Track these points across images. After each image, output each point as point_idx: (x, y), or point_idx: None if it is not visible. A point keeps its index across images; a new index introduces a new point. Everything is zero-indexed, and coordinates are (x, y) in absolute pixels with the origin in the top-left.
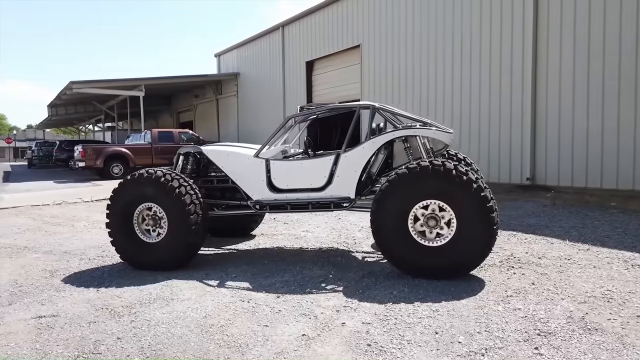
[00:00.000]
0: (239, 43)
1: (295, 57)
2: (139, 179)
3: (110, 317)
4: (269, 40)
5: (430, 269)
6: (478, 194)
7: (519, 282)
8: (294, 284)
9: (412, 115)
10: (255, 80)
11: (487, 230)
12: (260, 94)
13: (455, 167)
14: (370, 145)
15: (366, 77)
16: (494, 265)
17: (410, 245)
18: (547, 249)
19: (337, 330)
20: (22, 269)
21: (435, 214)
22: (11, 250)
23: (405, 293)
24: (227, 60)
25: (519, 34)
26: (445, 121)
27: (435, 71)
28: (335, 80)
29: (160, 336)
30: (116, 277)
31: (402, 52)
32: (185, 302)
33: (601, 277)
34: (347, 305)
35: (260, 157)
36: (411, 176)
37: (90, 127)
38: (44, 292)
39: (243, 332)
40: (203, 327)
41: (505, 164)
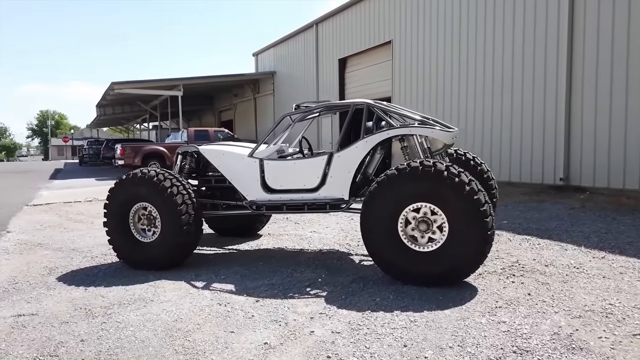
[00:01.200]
0: (275, 42)
1: (329, 54)
2: (133, 178)
3: (85, 317)
4: (304, 38)
5: (421, 275)
6: (470, 196)
7: (514, 292)
8: (279, 287)
9: (413, 113)
10: (291, 78)
11: (481, 236)
12: (295, 92)
13: (447, 168)
14: (364, 145)
15: (397, 73)
16: (494, 272)
17: (400, 249)
18: (557, 256)
19: (303, 339)
20: (25, 266)
21: (427, 217)
22: (25, 247)
23: (388, 300)
24: (264, 59)
25: (553, 28)
26: (477, 118)
27: (467, 67)
28: (367, 77)
29: (123, 339)
30: (109, 276)
31: (433, 48)
32: (163, 304)
33: (608, 288)
34: (324, 312)
35: (254, 157)
36: (401, 178)
37: (138, 126)
38: (34, 290)
39: (206, 339)
40: (169, 331)
41: (538, 164)
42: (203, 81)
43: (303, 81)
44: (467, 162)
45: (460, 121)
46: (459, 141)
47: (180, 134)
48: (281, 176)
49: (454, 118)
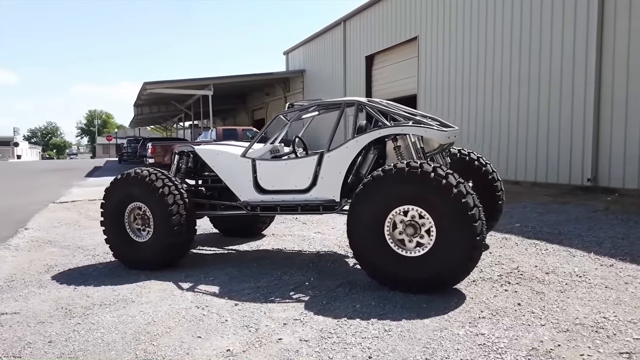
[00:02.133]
0: (305, 40)
1: (356, 52)
2: (127, 178)
3: (62, 318)
4: (332, 35)
5: (408, 281)
6: (458, 199)
7: (503, 302)
8: (264, 290)
9: (412, 111)
10: (319, 76)
11: (469, 241)
12: (323, 90)
13: (434, 170)
14: (354, 145)
15: (423, 70)
16: (489, 279)
17: (387, 254)
18: (562, 263)
19: (268, 347)
20: (28, 263)
21: (415, 221)
22: (35, 244)
23: (369, 307)
24: (294, 58)
25: (583, 22)
26: (502, 116)
27: (493, 62)
28: (393, 74)
29: (89, 342)
30: (103, 275)
31: (458, 43)
32: (143, 306)
33: (607, 300)
34: (299, 318)
35: (247, 157)
36: (386, 179)
37: (176, 125)
38: (26, 288)
39: (171, 343)
40: (138, 334)
41: (565, 163)
42: (232, 80)
43: (331, 79)
44: (471, 162)
45: (485, 118)
46: (478, 139)
47: (210, 133)
48: (273, 177)
49: (479, 115)
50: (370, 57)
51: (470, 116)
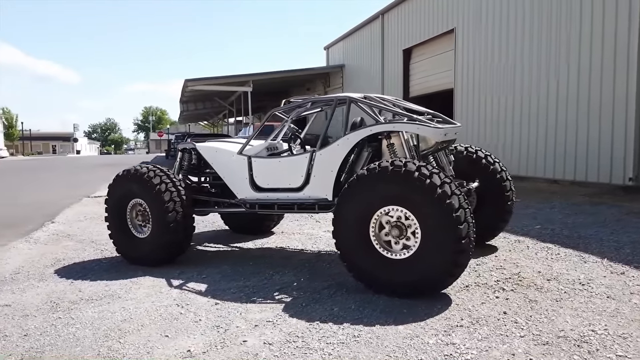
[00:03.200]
0: (345, 34)
1: (393, 45)
2: (127, 175)
3: (47, 311)
4: (370, 29)
5: (392, 285)
6: (442, 200)
7: (489, 309)
8: (249, 290)
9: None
10: (358, 71)
11: (453, 245)
12: (361, 85)
13: (418, 169)
14: (345, 143)
15: (460, 63)
16: (484, 284)
17: (372, 256)
18: (569, 269)
19: (229, 349)
20: (40, 256)
21: (401, 222)
22: (55, 237)
23: (347, 311)
24: (334, 53)
25: (624, 12)
26: (540, 112)
27: (530, 56)
28: (431, 68)
29: (61, 337)
30: (103, 270)
31: (496, 35)
32: (128, 302)
33: (604, 311)
34: (272, 320)
35: (243, 155)
36: (370, 178)
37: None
38: (27, 281)
39: (137, 342)
40: (110, 331)
41: (605, 161)
42: (271, 77)
43: (369, 74)
44: (477, 160)
45: (522, 113)
46: (515, 135)
47: (248, 129)
48: (268, 174)
49: (516, 110)
50: (408, 50)
51: (507, 111)
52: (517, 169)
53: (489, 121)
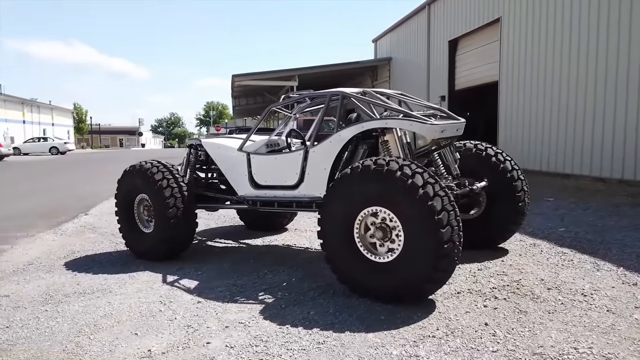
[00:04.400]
0: (392, 26)
1: (439, 37)
2: (133, 170)
3: (38, 304)
4: (416, 20)
5: (375, 289)
6: (423, 202)
7: (471, 320)
8: (236, 289)
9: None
10: (404, 64)
11: (434, 249)
12: (408, 78)
13: (401, 168)
14: (337, 140)
15: (505, 54)
16: (477, 292)
17: (356, 258)
18: (577, 278)
19: (191, 350)
20: (59, 248)
21: (385, 223)
22: (81, 229)
23: (323, 315)
24: (382, 46)
25: None
26: (587, 106)
27: (579, 45)
28: (476, 60)
29: (39, 330)
30: (109, 263)
31: (542, 24)
32: (116, 297)
33: (597, 327)
34: (245, 322)
35: (243, 151)
36: (353, 178)
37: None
38: (36, 272)
39: (105, 339)
40: (86, 326)
41: None
42: (317, 71)
43: (415, 66)
44: (487, 158)
45: (569, 107)
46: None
47: (294, 123)
48: (265, 171)
49: (562, 104)
50: (453, 41)
51: (553, 104)
52: (563, 166)
53: (533, 115)
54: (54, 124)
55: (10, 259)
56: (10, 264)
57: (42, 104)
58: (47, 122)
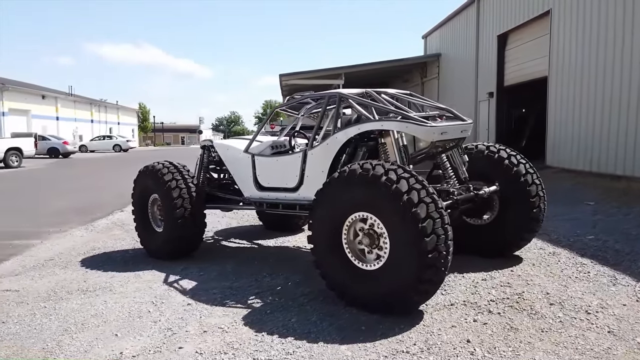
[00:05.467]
0: (441, 22)
1: (488, 31)
2: (145, 170)
3: (41, 300)
4: (466, 15)
5: (361, 297)
6: (407, 208)
7: (453, 335)
8: (230, 291)
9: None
10: (453, 60)
11: (419, 259)
12: (455, 75)
13: (386, 172)
14: (334, 142)
15: (555, 48)
16: (473, 304)
17: (343, 264)
18: (586, 292)
19: (160, 355)
20: (83, 244)
21: (373, 230)
22: (111, 225)
23: (303, 323)
24: (432, 41)
25: None
26: None
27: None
28: (526, 55)
29: (29, 327)
30: (122, 261)
31: (594, 17)
32: (114, 296)
33: (590, 349)
34: (224, 327)
35: (248, 153)
36: (341, 182)
37: None
38: (53, 268)
39: (86, 339)
40: (73, 325)
41: None
42: (364, 69)
43: (463, 62)
44: (499, 161)
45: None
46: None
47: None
48: (268, 173)
49: (614, 102)
50: (503, 36)
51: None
52: (614, 167)
53: (584, 112)
54: (119, 123)
55: (35, 254)
56: (33, 259)
57: (109, 104)
58: (113, 121)
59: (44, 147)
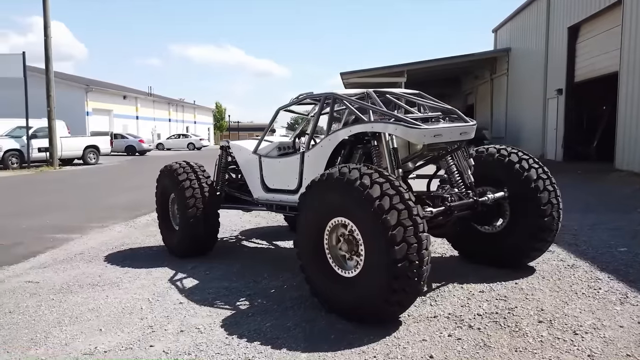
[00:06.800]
0: (512, 14)
1: (559, 23)
2: (164, 170)
3: (52, 292)
4: (536, 7)
5: (339, 305)
6: (377, 215)
7: (418, 350)
8: (225, 292)
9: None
10: (523, 54)
11: (389, 268)
12: (524, 70)
13: (360, 177)
14: (327, 144)
15: (627, 41)
16: (457, 317)
17: (324, 270)
18: (586, 311)
19: (129, 352)
20: (117, 239)
21: (353, 235)
22: (148, 223)
23: (277, 328)
24: (501, 35)
25: None
26: None
27: None
28: (595, 48)
29: (29, 318)
30: (143, 257)
31: None
32: (118, 292)
33: None
34: (201, 327)
35: (257, 154)
36: (321, 186)
37: None
38: (79, 262)
39: (70, 333)
40: (67, 318)
41: None
42: (427, 65)
43: (533, 57)
44: (509, 165)
45: None
46: None
47: None
48: (272, 175)
49: None
50: (573, 28)
51: None
52: None
53: None
54: (195, 122)
55: (69, 247)
56: (65, 253)
57: (186, 104)
58: (190, 120)
59: (122, 145)
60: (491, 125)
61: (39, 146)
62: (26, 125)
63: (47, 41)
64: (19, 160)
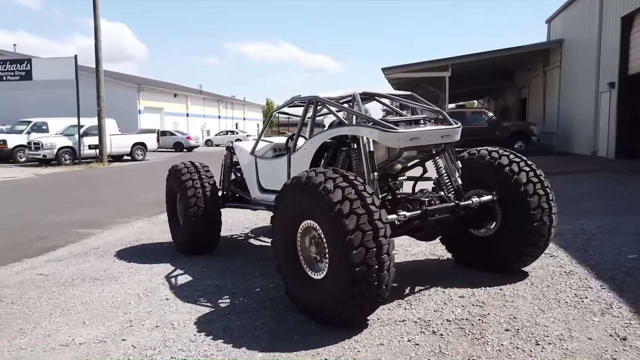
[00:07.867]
0: (565, 4)
1: (612, 12)
2: (171, 170)
3: (55, 285)
4: None
5: (308, 306)
6: (337, 219)
7: (372, 354)
8: (213, 289)
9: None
10: (575, 46)
11: (347, 273)
12: (577, 63)
13: (324, 181)
14: (310, 146)
15: None
16: (424, 322)
17: (296, 271)
18: (560, 321)
19: (103, 345)
20: (133, 235)
21: (321, 238)
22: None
23: (244, 328)
24: (555, 26)
25: None
26: None
27: None
28: None
29: (26, 309)
30: (152, 254)
31: None
32: (115, 286)
33: None
34: (175, 324)
35: (254, 155)
36: (291, 189)
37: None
38: (91, 256)
39: (57, 324)
40: (58, 310)
41: None
42: (473, 59)
43: (585, 49)
44: (499, 168)
45: None
46: None
47: None
48: (266, 176)
49: None
50: (628, 17)
51: None
52: None
53: None
54: (245, 119)
55: (88, 242)
56: (82, 247)
57: (235, 101)
58: (239, 116)
59: (170, 142)
60: (543, 120)
61: (89, 143)
62: (78, 124)
63: (97, 44)
64: (71, 156)
